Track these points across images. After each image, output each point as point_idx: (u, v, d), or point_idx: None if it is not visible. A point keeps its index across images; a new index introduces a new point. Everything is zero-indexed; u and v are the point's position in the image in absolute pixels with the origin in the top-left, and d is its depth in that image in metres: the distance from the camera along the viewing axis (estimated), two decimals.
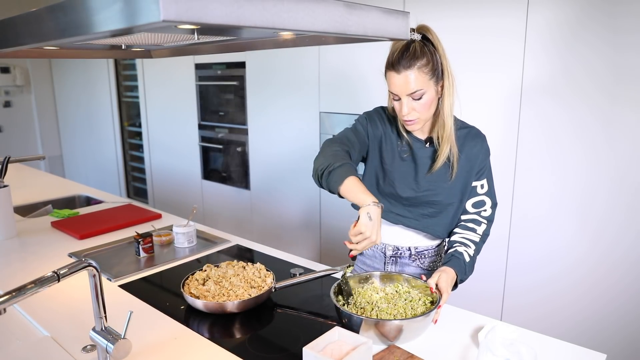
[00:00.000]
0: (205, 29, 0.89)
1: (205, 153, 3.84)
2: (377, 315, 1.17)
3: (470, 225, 1.40)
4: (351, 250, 1.16)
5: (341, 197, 1.18)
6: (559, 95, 2.02)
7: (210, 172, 3.86)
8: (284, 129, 3.19)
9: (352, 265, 1.30)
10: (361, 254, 1.54)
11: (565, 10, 1.94)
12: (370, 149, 1.42)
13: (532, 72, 2.06)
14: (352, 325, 1.12)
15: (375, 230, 1.09)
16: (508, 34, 2.10)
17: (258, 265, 1.48)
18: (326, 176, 1.20)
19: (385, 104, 1.43)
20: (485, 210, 1.40)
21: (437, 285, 1.24)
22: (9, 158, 1.94)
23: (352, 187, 1.14)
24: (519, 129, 2.14)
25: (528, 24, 2.03)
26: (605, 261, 2.01)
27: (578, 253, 2.07)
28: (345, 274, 1.27)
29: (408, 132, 1.37)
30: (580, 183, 2.02)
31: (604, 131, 1.93)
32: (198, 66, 3.70)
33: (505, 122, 2.17)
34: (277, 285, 1.36)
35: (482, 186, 1.39)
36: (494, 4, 2.11)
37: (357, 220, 1.12)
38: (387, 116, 1.42)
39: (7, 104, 5.24)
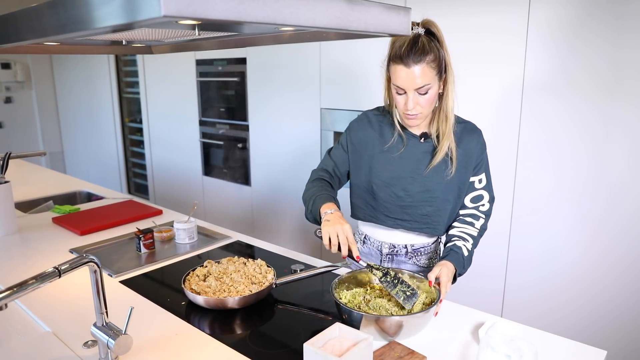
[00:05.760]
0: (206, 25, 0.89)
1: (206, 149, 3.84)
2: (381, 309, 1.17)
3: (469, 219, 1.40)
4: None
5: None
6: (560, 93, 2.01)
7: (211, 168, 3.86)
8: (285, 125, 3.18)
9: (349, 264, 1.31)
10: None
11: (566, 8, 1.93)
12: (353, 160, 1.45)
13: (534, 69, 2.06)
14: (352, 321, 1.12)
15: (333, 225, 1.22)
16: (509, 31, 2.09)
17: (259, 261, 1.48)
18: (310, 217, 1.39)
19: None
20: (483, 205, 1.41)
21: (437, 279, 1.24)
22: (10, 154, 1.94)
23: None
24: (520, 126, 2.14)
25: (530, 21, 2.03)
26: (607, 257, 2.01)
27: (579, 249, 2.07)
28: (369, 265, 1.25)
29: (403, 128, 1.36)
30: (581, 180, 2.02)
31: (605, 128, 1.93)
32: (199, 62, 3.70)
33: (506, 119, 2.17)
34: (278, 281, 1.36)
35: (480, 181, 1.39)
36: (495, 0, 2.10)
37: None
38: (376, 117, 1.42)
39: (8, 100, 5.24)
